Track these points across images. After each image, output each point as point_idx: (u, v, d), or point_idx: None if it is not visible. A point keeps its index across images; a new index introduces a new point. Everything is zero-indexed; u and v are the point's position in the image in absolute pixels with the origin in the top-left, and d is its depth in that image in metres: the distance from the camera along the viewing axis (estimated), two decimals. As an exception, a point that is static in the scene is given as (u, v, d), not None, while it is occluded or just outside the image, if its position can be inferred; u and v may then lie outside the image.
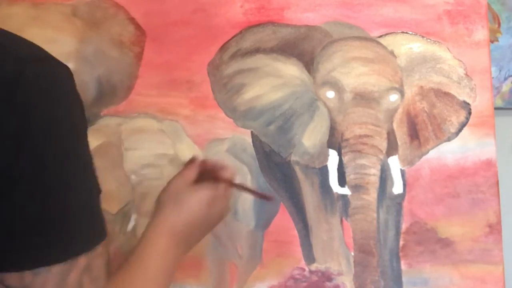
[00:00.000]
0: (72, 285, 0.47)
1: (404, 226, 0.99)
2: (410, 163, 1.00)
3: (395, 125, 1.00)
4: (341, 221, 0.99)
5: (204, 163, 0.75)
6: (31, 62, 0.47)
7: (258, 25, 1.00)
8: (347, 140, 0.98)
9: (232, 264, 0.97)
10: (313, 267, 0.98)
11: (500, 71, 1.26)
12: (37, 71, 0.47)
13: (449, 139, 1.01)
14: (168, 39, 0.98)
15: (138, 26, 0.98)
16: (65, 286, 0.47)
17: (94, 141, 0.88)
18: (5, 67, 0.46)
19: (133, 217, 0.96)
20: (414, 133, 1.01)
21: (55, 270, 0.46)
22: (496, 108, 1.07)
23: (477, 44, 1.02)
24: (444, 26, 1.02)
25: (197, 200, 0.69)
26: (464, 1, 1.02)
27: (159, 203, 0.72)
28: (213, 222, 0.73)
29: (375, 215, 0.98)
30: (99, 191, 0.53)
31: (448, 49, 1.02)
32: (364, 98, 0.98)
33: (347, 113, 0.99)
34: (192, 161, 0.76)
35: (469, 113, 1.01)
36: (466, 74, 1.02)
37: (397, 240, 0.99)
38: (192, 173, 0.73)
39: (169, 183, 0.74)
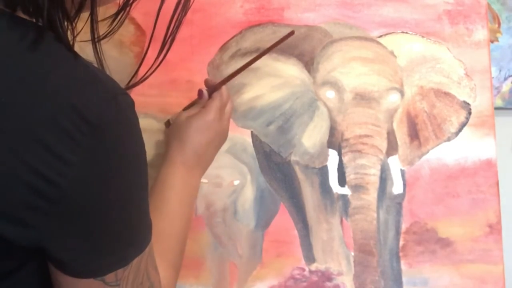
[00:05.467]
0: (143, 269, 0.62)
1: (404, 226, 0.99)
2: (410, 163, 1.00)
3: (395, 125, 1.00)
4: (341, 221, 0.99)
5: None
6: (122, 95, 0.58)
7: (258, 25, 1.00)
8: (347, 140, 0.98)
9: (232, 264, 0.97)
10: (313, 267, 0.98)
11: (500, 71, 1.26)
12: (126, 103, 0.58)
13: (449, 139, 1.01)
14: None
15: (138, 26, 0.98)
16: (139, 272, 0.61)
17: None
18: (104, 99, 0.55)
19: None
20: (414, 133, 1.01)
21: (135, 262, 0.60)
22: (496, 108, 1.08)
23: (477, 44, 1.02)
24: (444, 26, 1.02)
25: (194, 130, 0.83)
26: (464, 1, 1.02)
27: (167, 145, 0.85)
28: (217, 142, 0.87)
29: (375, 215, 0.98)
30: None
31: (448, 49, 1.02)
32: (364, 98, 0.98)
33: (347, 113, 0.99)
34: (193, 103, 0.91)
35: (469, 113, 1.01)
36: (466, 74, 1.02)
37: (397, 240, 0.99)
38: (192, 110, 0.88)
39: (172, 125, 0.88)
